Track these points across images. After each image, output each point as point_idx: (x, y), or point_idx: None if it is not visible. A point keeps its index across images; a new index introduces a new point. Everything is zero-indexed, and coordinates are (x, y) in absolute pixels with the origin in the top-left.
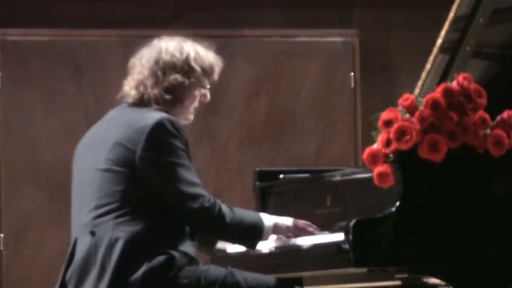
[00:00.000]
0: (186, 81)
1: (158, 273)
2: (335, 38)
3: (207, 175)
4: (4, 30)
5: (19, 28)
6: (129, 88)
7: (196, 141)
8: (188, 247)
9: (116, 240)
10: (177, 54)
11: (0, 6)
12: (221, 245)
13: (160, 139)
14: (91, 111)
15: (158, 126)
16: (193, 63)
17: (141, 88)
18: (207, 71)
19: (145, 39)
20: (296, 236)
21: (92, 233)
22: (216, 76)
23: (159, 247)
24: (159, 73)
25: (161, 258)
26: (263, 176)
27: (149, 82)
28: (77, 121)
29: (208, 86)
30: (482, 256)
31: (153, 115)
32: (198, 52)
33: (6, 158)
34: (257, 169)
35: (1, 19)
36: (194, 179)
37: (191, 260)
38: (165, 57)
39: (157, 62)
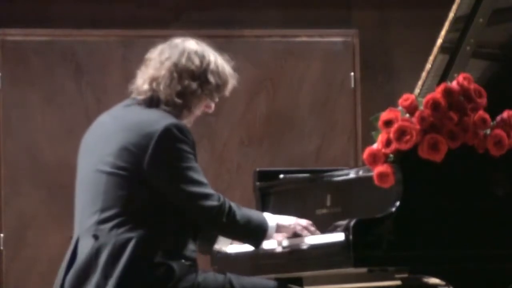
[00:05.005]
0: (199, 91)
1: (157, 285)
2: (335, 38)
3: (207, 175)
4: (4, 30)
5: (19, 28)
6: (142, 81)
7: (197, 142)
8: (190, 249)
9: (121, 248)
10: (197, 62)
11: (0, 6)
12: (218, 245)
13: (169, 146)
14: (91, 111)
15: (166, 133)
16: (209, 75)
17: (154, 85)
18: (220, 87)
19: (145, 39)
20: (298, 235)
21: (95, 237)
22: (227, 92)
23: (162, 253)
24: (175, 75)
25: (160, 270)
26: (263, 176)
27: (163, 81)
28: (77, 121)
29: (217, 99)
30: (482, 256)
31: (161, 120)
32: (218, 65)
33: (6, 158)
34: (257, 169)
35: (1, 19)
36: (203, 179)
37: (191, 266)
38: (186, 62)
39: (176, 64)
